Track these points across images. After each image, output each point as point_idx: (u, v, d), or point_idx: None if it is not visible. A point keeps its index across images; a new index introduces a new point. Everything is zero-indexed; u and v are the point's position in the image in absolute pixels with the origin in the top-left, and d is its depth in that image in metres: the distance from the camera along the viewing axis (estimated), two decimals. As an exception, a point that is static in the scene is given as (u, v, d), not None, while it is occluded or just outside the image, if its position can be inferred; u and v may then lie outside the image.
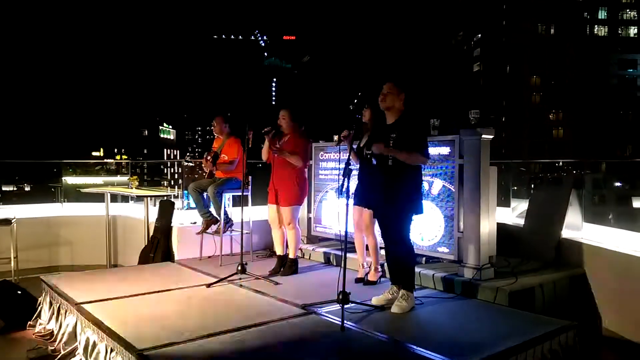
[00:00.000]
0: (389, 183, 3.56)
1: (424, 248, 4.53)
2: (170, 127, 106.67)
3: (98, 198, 6.75)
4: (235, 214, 5.51)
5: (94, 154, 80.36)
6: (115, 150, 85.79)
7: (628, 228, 4.61)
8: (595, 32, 48.59)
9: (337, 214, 5.20)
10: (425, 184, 4.39)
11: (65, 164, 8.26)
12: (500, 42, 48.17)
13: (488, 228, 4.12)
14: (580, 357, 3.31)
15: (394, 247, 3.69)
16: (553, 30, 47.32)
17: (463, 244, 4.20)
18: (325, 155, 5.58)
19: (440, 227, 4.40)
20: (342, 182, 3.40)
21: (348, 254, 3.49)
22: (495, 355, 2.83)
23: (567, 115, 47.32)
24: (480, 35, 51.73)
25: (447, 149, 4.34)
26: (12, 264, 5.58)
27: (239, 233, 4.70)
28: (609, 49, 47.53)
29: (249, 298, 4.03)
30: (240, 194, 4.80)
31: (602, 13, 48.62)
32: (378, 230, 4.09)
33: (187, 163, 5.89)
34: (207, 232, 5.43)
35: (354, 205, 4.32)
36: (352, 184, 4.36)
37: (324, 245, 5.55)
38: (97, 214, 6.69)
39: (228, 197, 5.59)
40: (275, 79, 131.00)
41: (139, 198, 6.30)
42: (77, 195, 7.36)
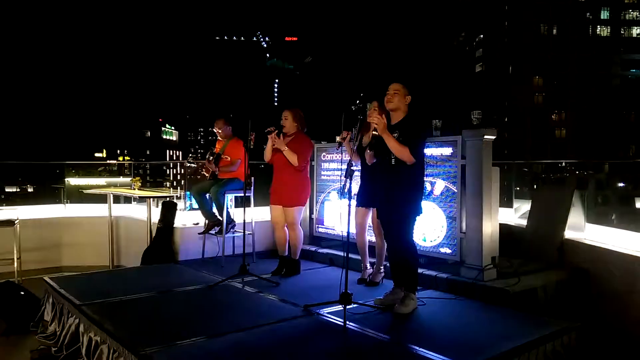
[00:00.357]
0: (391, 183, 3.56)
1: (427, 249, 4.52)
2: (173, 128, 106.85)
3: (101, 199, 6.77)
4: (238, 215, 5.52)
5: (97, 155, 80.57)
6: (118, 152, 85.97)
7: (631, 228, 4.59)
8: (598, 32, 48.46)
9: (339, 215, 5.20)
10: (428, 185, 4.39)
11: (68, 165, 8.26)
12: (503, 42, 48.11)
13: (490, 229, 4.12)
14: (583, 358, 3.31)
15: (397, 247, 3.68)
16: (555, 31, 47.22)
17: (465, 245, 4.19)
18: (328, 156, 5.58)
19: (443, 227, 4.40)
20: (344, 183, 3.39)
21: (350, 255, 3.49)
22: (498, 356, 2.83)
23: (569, 116, 47.20)
24: (483, 36, 51.68)
25: (449, 150, 4.34)
26: (15, 265, 5.59)
27: (241, 234, 4.69)
28: (612, 50, 47.41)
29: (251, 299, 4.03)
30: (243, 195, 4.80)
31: (604, 13, 48.48)
32: None
33: (189, 164, 5.88)
34: (209, 232, 5.43)
35: (357, 207, 4.32)
36: (354, 185, 4.38)
37: (326, 246, 5.55)
38: (99, 215, 6.71)
39: (230, 197, 5.60)
40: (278, 80, 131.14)
41: (142, 199, 6.31)
42: (79, 197, 7.38)
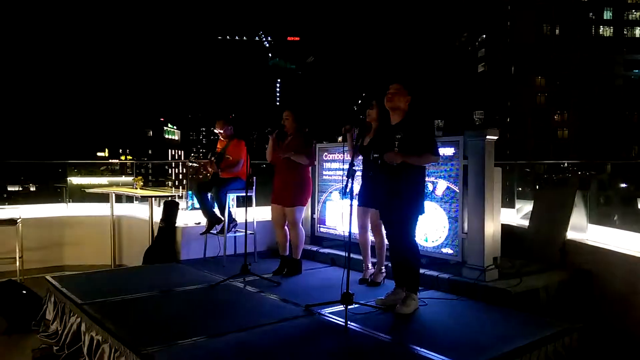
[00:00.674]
0: (393, 184, 3.56)
1: (429, 249, 4.52)
2: (175, 127, 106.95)
3: (103, 198, 6.78)
4: (239, 215, 5.52)
5: (99, 155, 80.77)
6: (120, 151, 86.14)
7: (633, 229, 4.58)
8: (601, 32, 48.36)
9: (341, 215, 5.19)
10: (430, 185, 4.39)
11: (71, 165, 8.28)
12: (505, 42, 48.03)
13: (492, 229, 4.11)
14: (585, 359, 3.30)
15: (399, 248, 3.68)
16: (558, 31, 47.14)
17: (467, 245, 4.19)
18: (329, 156, 5.58)
19: (445, 228, 4.39)
20: (345, 183, 3.39)
21: (352, 255, 3.48)
22: (499, 357, 2.83)
23: (572, 116, 47.12)
24: (485, 36, 51.61)
25: (451, 150, 4.33)
26: (17, 264, 5.60)
27: (243, 233, 4.70)
28: (615, 50, 47.30)
29: (253, 299, 4.03)
30: (245, 194, 4.80)
31: (607, 13, 48.37)
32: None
33: (191, 164, 5.88)
34: (211, 232, 5.43)
35: (359, 206, 4.32)
36: (355, 185, 4.37)
37: (328, 246, 5.54)
38: (101, 214, 6.72)
39: (232, 197, 5.60)
40: (280, 80, 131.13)
41: (144, 198, 6.32)
42: (82, 196, 7.39)
